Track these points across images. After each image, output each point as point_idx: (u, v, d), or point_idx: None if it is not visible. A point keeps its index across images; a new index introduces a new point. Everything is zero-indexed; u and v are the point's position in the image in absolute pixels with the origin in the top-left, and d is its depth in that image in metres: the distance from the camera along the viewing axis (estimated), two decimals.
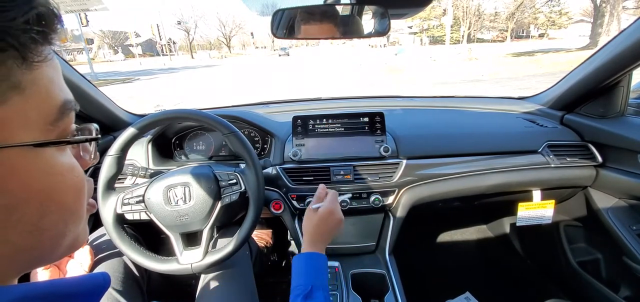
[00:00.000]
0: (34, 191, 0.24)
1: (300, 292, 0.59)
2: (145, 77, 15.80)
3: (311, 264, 0.64)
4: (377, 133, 1.02)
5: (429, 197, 1.02)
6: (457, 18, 29.16)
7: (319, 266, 0.64)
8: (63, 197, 0.26)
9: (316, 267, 0.64)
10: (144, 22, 57.24)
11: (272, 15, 0.77)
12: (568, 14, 33.25)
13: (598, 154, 1.02)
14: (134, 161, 1.03)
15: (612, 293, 1.07)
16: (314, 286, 0.60)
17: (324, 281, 0.63)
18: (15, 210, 0.23)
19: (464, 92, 6.52)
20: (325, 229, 0.69)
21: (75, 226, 0.28)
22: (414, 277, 1.39)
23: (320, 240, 0.69)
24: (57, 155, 0.26)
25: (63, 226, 0.27)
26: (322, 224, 0.69)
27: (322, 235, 0.69)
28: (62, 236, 0.27)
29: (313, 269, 0.63)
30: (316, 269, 0.64)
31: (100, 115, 1.09)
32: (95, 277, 0.28)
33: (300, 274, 0.63)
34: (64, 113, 0.26)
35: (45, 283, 0.24)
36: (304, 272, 0.63)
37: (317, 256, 0.65)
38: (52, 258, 0.28)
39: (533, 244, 1.49)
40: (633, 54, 0.84)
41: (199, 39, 57.78)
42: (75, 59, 39.23)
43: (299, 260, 0.65)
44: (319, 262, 0.65)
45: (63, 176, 0.26)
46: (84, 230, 0.31)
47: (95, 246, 0.82)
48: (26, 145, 0.23)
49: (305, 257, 0.65)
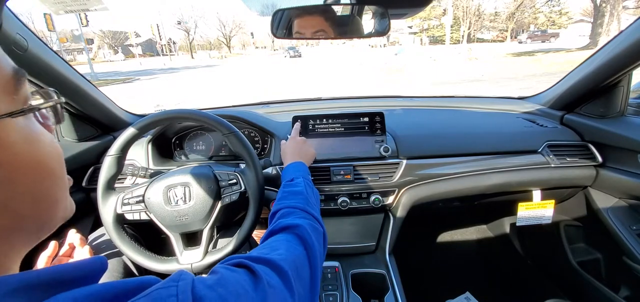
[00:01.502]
0: (24, 160, 0.25)
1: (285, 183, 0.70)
2: (146, 77, 15.80)
3: (292, 169, 0.76)
4: (377, 133, 1.02)
5: (429, 197, 1.02)
6: (457, 18, 29.15)
7: (300, 167, 0.77)
8: (50, 163, 0.27)
9: (297, 168, 0.76)
10: (144, 22, 57.24)
11: (272, 15, 0.77)
12: (568, 14, 33.25)
13: (598, 154, 1.02)
14: (134, 161, 1.03)
15: (612, 293, 1.07)
16: (294, 177, 0.71)
17: (306, 174, 0.74)
18: (14, 182, 0.24)
19: (464, 92, 6.52)
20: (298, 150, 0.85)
21: (64, 193, 0.30)
22: (414, 277, 1.40)
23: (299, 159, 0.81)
24: (30, 124, 0.26)
25: (56, 192, 0.28)
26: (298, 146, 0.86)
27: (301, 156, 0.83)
28: (56, 202, 0.28)
29: (294, 169, 0.75)
30: (297, 168, 0.76)
31: (100, 115, 1.09)
32: (93, 261, 0.29)
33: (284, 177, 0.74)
34: (19, 81, 0.26)
35: (44, 270, 0.25)
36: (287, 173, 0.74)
37: (298, 163, 0.78)
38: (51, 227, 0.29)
39: (533, 244, 1.49)
40: (633, 54, 0.84)
41: (199, 39, 57.80)
42: (75, 59, 39.24)
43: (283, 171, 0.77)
44: (300, 166, 0.77)
45: (43, 143, 0.27)
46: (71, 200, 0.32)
47: (95, 246, 0.82)
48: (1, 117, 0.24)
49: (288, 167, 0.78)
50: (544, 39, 27.97)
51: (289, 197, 0.64)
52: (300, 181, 0.70)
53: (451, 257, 1.66)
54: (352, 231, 1.05)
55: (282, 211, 0.60)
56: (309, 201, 0.64)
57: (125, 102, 1.30)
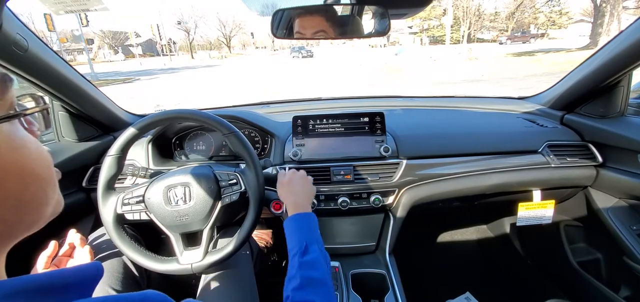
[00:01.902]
0: (8, 166, 0.25)
1: (297, 251, 0.61)
2: (146, 77, 15.81)
3: (301, 223, 0.67)
4: (377, 133, 1.02)
5: (429, 197, 1.02)
6: (457, 18, 29.13)
7: (309, 223, 0.67)
8: (35, 168, 0.27)
9: (306, 225, 0.67)
10: (144, 22, 57.29)
11: (272, 15, 0.77)
12: (568, 14, 33.22)
13: (598, 154, 1.02)
14: (134, 161, 1.03)
15: (612, 293, 1.07)
16: (307, 242, 0.62)
17: (316, 235, 0.65)
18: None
19: (464, 92, 6.52)
20: (300, 188, 0.76)
21: (52, 193, 0.30)
22: (414, 277, 1.39)
23: (301, 201, 0.73)
24: (15, 130, 0.26)
25: (43, 195, 0.29)
26: (296, 184, 0.76)
27: (301, 195, 0.74)
28: (44, 204, 0.29)
29: (304, 227, 0.66)
30: (307, 226, 0.66)
31: (101, 115, 1.09)
32: (88, 267, 0.29)
33: (293, 235, 0.65)
34: (5, 86, 0.26)
35: (40, 275, 0.25)
36: (296, 231, 0.66)
37: (306, 215, 0.68)
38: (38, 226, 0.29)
39: (533, 244, 1.49)
40: (633, 53, 0.84)
41: (199, 39, 57.77)
42: (75, 59, 39.23)
43: (289, 222, 0.68)
44: (308, 220, 0.68)
45: (28, 148, 0.27)
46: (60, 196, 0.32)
47: (95, 246, 0.82)
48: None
49: (295, 218, 0.68)
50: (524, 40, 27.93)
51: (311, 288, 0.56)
52: (315, 250, 0.62)
53: (451, 257, 1.66)
54: (352, 231, 1.05)
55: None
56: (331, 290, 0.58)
57: (125, 103, 1.30)
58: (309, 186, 0.79)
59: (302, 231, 0.65)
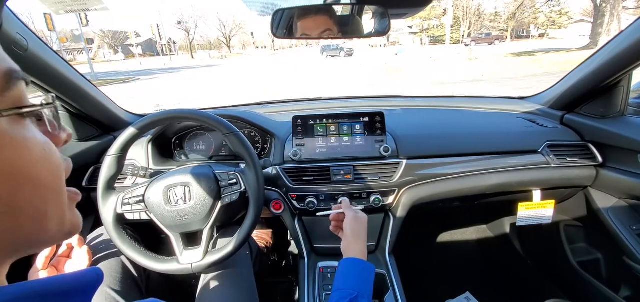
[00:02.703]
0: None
1: (346, 295, 0.59)
2: (146, 77, 15.80)
3: (362, 272, 0.64)
4: (377, 133, 1.02)
5: (429, 197, 1.02)
6: (457, 18, 29.14)
7: (368, 275, 0.65)
8: (33, 170, 0.25)
9: (366, 277, 0.64)
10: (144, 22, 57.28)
11: (272, 15, 0.77)
12: (568, 14, 33.21)
13: (598, 154, 1.02)
14: (134, 160, 1.03)
15: (612, 293, 1.07)
16: (359, 294, 0.60)
17: (369, 289, 0.63)
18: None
19: (464, 92, 6.52)
20: (361, 229, 0.72)
21: (57, 205, 0.27)
22: (414, 277, 1.40)
23: (365, 250, 0.70)
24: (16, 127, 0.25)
25: (42, 204, 0.26)
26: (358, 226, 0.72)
27: (361, 236, 0.71)
28: (44, 216, 0.26)
29: (362, 277, 0.64)
30: (365, 278, 0.64)
31: (100, 115, 1.09)
32: (88, 273, 0.28)
33: (348, 278, 0.63)
34: (10, 82, 0.25)
35: (38, 281, 0.24)
36: (353, 277, 0.63)
37: (368, 267, 0.66)
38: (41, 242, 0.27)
39: (533, 244, 1.49)
40: (633, 53, 0.84)
41: (199, 39, 57.75)
42: (75, 59, 39.24)
43: (351, 264, 0.65)
44: (368, 272, 0.65)
45: (28, 149, 0.25)
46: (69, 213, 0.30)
47: (94, 246, 0.82)
48: None
49: (358, 264, 0.65)
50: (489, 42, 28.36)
51: None
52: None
53: (451, 257, 1.66)
54: None
55: None
56: None
57: (125, 102, 1.30)
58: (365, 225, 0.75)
59: (359, 279, 0.63)
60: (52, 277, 0.26)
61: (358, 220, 0.73)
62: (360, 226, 0.72)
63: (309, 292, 0.92)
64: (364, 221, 0.73)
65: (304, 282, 0.95)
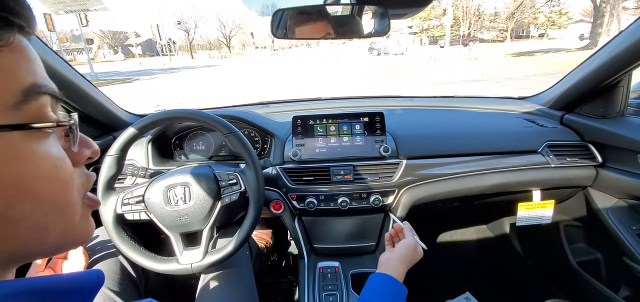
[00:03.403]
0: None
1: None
2: (145, 77, 15.80)
3: (395, 293, 0.63)
4: (377, 133, 1.02)
5: (429, 197, 1.02)
6: (457, 18, 29.18)
7: (400, 297, 0.63)
8: (36, 186, 0.25)
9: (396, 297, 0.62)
10: (144, 22, 57.29)
11: (272, 15, 0.76)
12: (568, 14, 33.24)
13: (598, 154, 1.02)
14: (134, 161, 1.03)
15: (612, 293, 1.07)
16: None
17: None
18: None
19: (464, 92, 6.51)
20: (411, 258, 0.70)
21: (60, 218, 0.27)
22: (414, 277, 1.39)
23: (405, 268, 0.68)
24: (28, 141, 0.25)
25: (42, 218, 0.26)
26: (411, 254, 0.70)
27: (407, 263, 0.69)
28: (44, 228, 0.26)
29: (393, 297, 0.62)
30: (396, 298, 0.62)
31: (100, 115, 1.09)
32: (89, 274, 0.28)
33: (381, 292, 0.62)
34: (31, 97, 0.25)
35: (38, 279, 0.24)
36: (386, 294, 0.62)
37: (401, 287, 0.64)
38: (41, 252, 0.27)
39: (533, 244, 1.49)
40: (633, 54, 0.84)
41: (198, 39, 57.80)
42: (75, 59, 39.24)
43: (388, 281, 0.64)
44: (400, 294, 0.63)
45: (35, 164, 0.25)
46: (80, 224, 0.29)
47: (91, 247, 0.82)
48: None
49: (394, 283, 0.63)
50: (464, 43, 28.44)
51: None
52: None
53: (451, 257, 1.66)
54: (352, 231, 1.05)
55: None
56: None
57: (125, 102, 1.30)
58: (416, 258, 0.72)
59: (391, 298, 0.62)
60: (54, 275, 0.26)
61: (415, 249, 0.71)
62: (413, 255, 0.70)
63: (308, 293, 0.92)
64: (418, 256, 0.71)
65: (303, 282, 0.95)
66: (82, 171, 0.31)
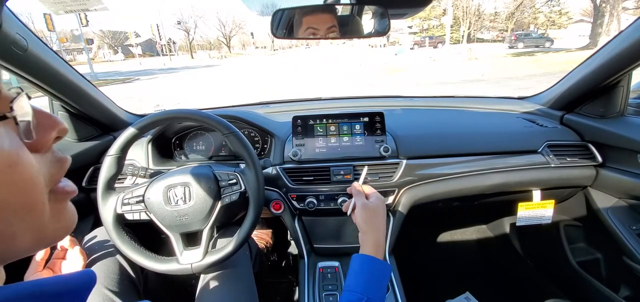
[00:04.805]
0: None
1: (355, 299, 0.55)
2: (145, 77, 15.80)
3: (373, 272, 0.59)
4: (377, 133, 1.02)
5: (429, 197, 1.02)
6: (457, 18, 29.15)
7: (382, 276, 0.59)
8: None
9: (377, 277, 0.59)
10: (144, 22, 57.32)
11: (272, 15, 0.77)
12: (568, 14, 33.23)
13: (598, 154, 1.02)
14: (134, 161, 1.03)
15: (612, 293, 1.07)
16: (369, 299, 0.55)
17: (381, 293, 0.58)
18: None
19: (464, 92, 6.51)
20: (382, 224, 0.65)
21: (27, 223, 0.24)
22: (414, 277, 1.40)
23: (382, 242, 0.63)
24: None
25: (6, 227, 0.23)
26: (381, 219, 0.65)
27: (382, 233, 0.64)
28: (10, 237, 0.23)
29: (374, 277, 0.58)
30: (377, 278, 0.59)
31: (100, 115, 1.09)
32: (81, 275, 0.27)
33: (359, 277, 0.59)
34: None
35: (29, 283, 0.23)
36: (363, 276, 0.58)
37: (380, 266, 0.60)
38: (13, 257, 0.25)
39: (533, 244, 1.49)
40: (633, 54, 0.84)
41: (198, 39, 57.79)
42: (75, 59, 39.24)
43: (361, 262, 0.60)
44: (382, 272, 0.60)
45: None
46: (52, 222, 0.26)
47: (89, 247, 0.82)
48: None
49: (368, 262, 0.60)
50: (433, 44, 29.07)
51: None
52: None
53: (451, 257, 1.66)
54: (352, 231, 1.05)
55: None
56: None
57: (125, 102, 1.30)
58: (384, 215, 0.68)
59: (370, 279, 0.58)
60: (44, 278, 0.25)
61: (367, 208, 0.65)
62: (371, 213, 0.64)
63: (308, 293, 0.92)
64: (375, 207, 0.65)
65: (303, 282, 0.95)
66: (51, 156, 0.27)
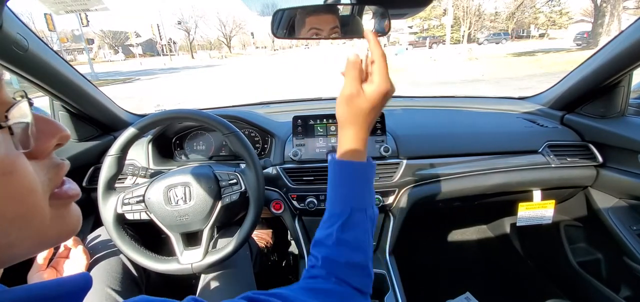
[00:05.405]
0: None
1: (337, 219, 0.44)
2: (146, 77, 15.82)
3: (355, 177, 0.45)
4: (377, 133, 1.02)
5: (429, 197, 1.02)
6: (458, 18, 29.15)
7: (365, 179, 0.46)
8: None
9: (362, 182, 0.46)
10: (144, 22, 57.37)
11: (272, 15, 0.76)
12: (568, 14, 33.21)
13: (598, 154, 1.02)
14: (134, 160, 1.03)
15: (613, 293, 1.07)
16: (353, 208, 0.44)
17: (369, 198, 0.46)
18: None
19: (464, 92, 6.50)
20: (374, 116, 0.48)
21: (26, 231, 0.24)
22: (414, 277, 1.39)
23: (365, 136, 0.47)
24: None
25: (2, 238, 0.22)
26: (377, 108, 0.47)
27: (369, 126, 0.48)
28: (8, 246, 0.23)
29: (357, 183, 0.45)
30: (361, 183, 0.45)
31: (101, 115, 1.09)
32: (76, 279, 0.26)
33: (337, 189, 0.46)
34: None
35: (22, 288, 0.23)
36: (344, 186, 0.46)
37: (362, 167, 0.46)
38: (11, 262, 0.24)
39: (533, 244, 1.49)
40: (633, 54, 0.84)
41: (199, 39, 57.85)
42: (75, 59, 39.27)
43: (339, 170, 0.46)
44: (365, 174, 0.46)
45: None
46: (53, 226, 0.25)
47: (92, 247, 0.83)
48: None
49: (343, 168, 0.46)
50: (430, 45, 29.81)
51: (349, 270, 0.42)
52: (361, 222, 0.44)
53: (451, 257, 1.66)
54: None
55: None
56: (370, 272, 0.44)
57: (125, 102, 1.30)
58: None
59: (352, 188, 0.45)
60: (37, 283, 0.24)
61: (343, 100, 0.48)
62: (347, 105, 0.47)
63: None
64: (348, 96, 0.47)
65: None
66: (50, 162, 0.26)
